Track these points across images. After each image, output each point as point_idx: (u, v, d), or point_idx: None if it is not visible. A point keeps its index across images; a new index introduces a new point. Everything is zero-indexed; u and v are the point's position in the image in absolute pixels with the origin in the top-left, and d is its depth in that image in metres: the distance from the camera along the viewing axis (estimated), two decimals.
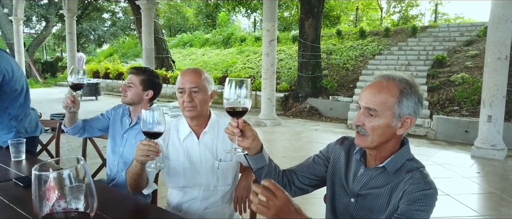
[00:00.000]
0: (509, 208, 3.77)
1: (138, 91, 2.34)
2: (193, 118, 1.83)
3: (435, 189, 1.23)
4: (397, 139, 1.32)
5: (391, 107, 1.26)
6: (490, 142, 5.62)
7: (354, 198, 1.38)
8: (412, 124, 1.29)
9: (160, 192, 2.38)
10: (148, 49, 10.73)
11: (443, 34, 11.89)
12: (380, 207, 1.30)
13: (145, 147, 1.51)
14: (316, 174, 1.51)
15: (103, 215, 1.48)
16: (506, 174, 4.89)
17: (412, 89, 1.27)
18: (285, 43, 14.51)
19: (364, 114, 1.29)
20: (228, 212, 1.93)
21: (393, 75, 1.30)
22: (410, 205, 1.19)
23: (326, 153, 1.53)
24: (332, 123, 8.86)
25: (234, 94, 1.21)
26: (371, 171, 1.35)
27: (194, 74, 1.82)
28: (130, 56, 19.11)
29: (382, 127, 1.27)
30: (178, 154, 1.86)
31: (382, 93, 1.26)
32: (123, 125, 2.41)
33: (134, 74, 2.37)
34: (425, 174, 1.26)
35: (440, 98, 8.53)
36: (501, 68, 5.50)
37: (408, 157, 1.34)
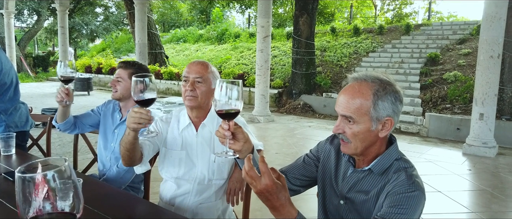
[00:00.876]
0: (500, 205, 3.81)
1: (127, 86, 2.30)
2: (193, 109, 1.84)
3: (420, 190, 1.20)
4: (382, 140, 1.30)
5: (367, 112, 1.22)
6: (482, 140, 5.67)
7: (343, 200, 1.36)
8: (394, 124, 1.26)
9: (153, 187, 2.36)
10: (141, 44, 10.65)
11: (437, 33, 11.96)
12: (368, 211, 1.29)
13: (136, 114, 1.49)
14: (307, 175, 1.50)
15: (94, 210, 1.46)
16: (497, 172, 4.94)
17: (386, 89, 1.23)
18: (280, 40, 14.49)
19: (343, 121, 1.27)
20: (221, 207, 1.92)
21: (365, 76, 1.25)
22: (391, 208, 1.17)
23: (316, 153, 1.52)
24: (326, 120, 8.88)
25: (225, 96, 1.18)
26: (358, 173, 1.33)
27: (201, 66, 1.84)
28: (123, 51, 18.96)
29: (362, 132, 1.24)
30: (175, 143, 1.87)
31: (356, 98, 1.22)
32: (114, 120, 2.38)
33: (123, 69, 2.33)
34: (411, 175, 1.23)
35: (432, 96, 8.59)
36: (494, 66, 5.54)
37: (396, 156, 1.30)
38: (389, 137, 1.34)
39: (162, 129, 1.89)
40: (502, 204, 3.85)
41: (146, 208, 1.59)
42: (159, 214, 1.53)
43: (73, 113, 2.46)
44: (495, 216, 3.56)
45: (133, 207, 1.58)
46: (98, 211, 1.45)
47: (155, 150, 1.87)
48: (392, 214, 1.16)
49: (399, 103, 1.26)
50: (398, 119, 1.28)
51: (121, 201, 1.63)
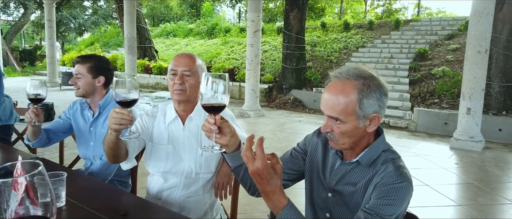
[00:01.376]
0: (486, 198, 3.87)
1: (88, 80, 2.21)
2: (181, 102, 1.81)
3: (408, 181, 1.20)
4: (370, 134, 1.29)
5: (353, 111, 1.21)
6: (469, 134, 5.75)
7: (331, 193, 1.36)
8: (381, 119, 1.25)
9: (141, 182, 2.34)
10: (130, 38, 10.53)
11: (425, 28, 12.06)
12: (356, 203, 1.28)
13: (117, 115, 1.46)
14: (295, 169, 1.49)
15: (79, 204, 1.44)
16: (483, 165, 5.02)
17: (370, 86, 1.21)
18: (270, 35, 14.47)
19: (330, 121, 1.25)
20: (209, 201, 1.90)
21: (347, 74, 1.22)
22: (379, 199, 1.17)
23: (303, 146, 1.51)
24: (316, 115, 8.91)
25: (211, 90, 1.16)
26: (346, 166, 1.33)
27: (189, 58, 1.81)
28: (112, 46, 18.75)
29: (350, 131, 1.23)
30: (162, 137, 1.84)
31: (340, 98, 1.21)
32: (87, 119, 2.31)
33: (80, 63, 2.22)
34: (399, 166, 1.23)
35: (421, 91, 8.67)
36: (481, 61, 5.60)
37: (384, 148, 1.30)
38: (376, 129, 1.33)
39: (148, 124, 1.86)
40: (488, 197, 3.92)
41: (132, 202, 1.57)
42: (145, 208, 1.51)
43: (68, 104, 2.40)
44: (481, 209, 3.61)
45: (119, 201, 1.56)
46: (82, 205, 1.42)
47: (140, 145, 1.84)
48: (380, 206, 1.16)
49: (384, 97, 1.25)
50: (384, 112, 1.28)
51: (107, 194, 1.61)
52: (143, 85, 12.88)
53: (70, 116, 2.38)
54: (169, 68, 1.81)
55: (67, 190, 1.44)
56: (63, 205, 1.42)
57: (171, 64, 1.82)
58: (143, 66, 13.16)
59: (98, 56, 2.32)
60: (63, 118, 2.40)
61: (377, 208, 1.17)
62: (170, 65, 1.81)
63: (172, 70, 1.79)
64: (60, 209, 1.39)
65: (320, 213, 1.42)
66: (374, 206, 1.17)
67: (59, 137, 2.41)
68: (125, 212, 1.43)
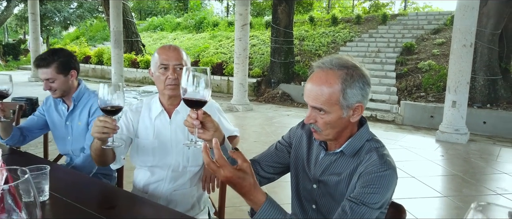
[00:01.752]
0: (470, 189, 3.94)
1: (61, 81, 2.13)
2: (172, 97, 1.78)
3: (392, 169, 1.20)
4: (353, 123, 1.29)
5: (336, 102, 1.20)
6: (454, 127, 5.84)
7: (316, 184, 1.35)
8: (364, 108, 1.26)
9: (127, 176, 2.31)
10: (116, 32, 10.37)
11: (412, 22, 12.17)
12: (341, 193, 1.28)
13: (101, 123, 1.43)
14: (280, 162, 1.48)
15: (63, 198, 1.41)
16: (468, 157, 5.10)
17: (353, 76, 1.21)
18: (258, 29, 14.43)
19: (314, 111, 1.25)
20: (196, 194, 1.89)
21: (330, 64, 1.22)
22: (364, 188, 1.17)
23: (288, 139, 1.50)
24: (304, 109, 8.94)
25: (192, 85, 1.13)
26: (331, 156, 1.32)
27: (178, 51, 1.77)
28: (98, 40, 18.47)
29: (333, 121, 1.23)
30: (147, 132, 1.81)
31: (324, 89, 1.20)
32: (61, 113, 2.25)
33: (45, 67, 2.10)
34: (383, 154, 1.24)
35: (408, 84, 8.77)
36: (466, 55, 5.68)
37: (367, 137, 1.30)
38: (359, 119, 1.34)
39: (132, 120, 1.83)
40: (473, 188, 3.99)
41: (118, 195, 1.55)
42: (132, 200, 1.49)
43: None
44: (466, 200, 3.68)
45: (104, 194, 1.54)
46: (67, 199, 1.40)
47: (127, 146, 1.82)
48: (365, 194, 1.17)
49: (367, 87, 1.24)
50: (367, 101, 1.27)
51: (91, 188, 1.58)
52: (130, 80, 12.73)
53: (44, 112, 2.32)
54: (158, 62, 1.74)
55: (51, 184, 1.41)
56: (47, 199, 1.39)
57: (158, 58, 1.75)
58: (130, 61, 13.00)
59: (57, 52, 2.18)
60: (37, 115, 2.33)
61: (362, 196, 1.17)
62: (158, 59, 1.75)
63: (163, 65, 1.73)
64: (43, 203, 1.36)
65: (306, 205, 1.42)
66: (359, 194, 1.18)
67: (35, 134, 2.33)
68: (111, 205, 1.41)
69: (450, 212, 3.45)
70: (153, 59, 1.80)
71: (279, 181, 1.51)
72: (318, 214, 1.37)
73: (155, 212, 1.38)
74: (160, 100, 1.83)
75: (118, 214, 1.34)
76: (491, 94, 7.44)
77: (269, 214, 1.09)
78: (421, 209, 3.41)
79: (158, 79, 1.76)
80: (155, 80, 1.79)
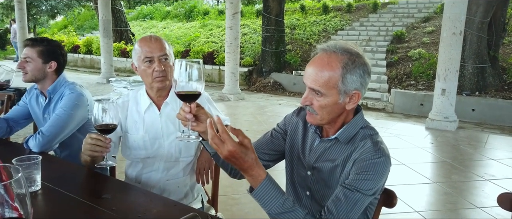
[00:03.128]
0: (459, 175, 4.01)
1: (37, 65, 2.07)
2: (160, 89, 1.75)
3: (386, 156, 1.22)
4: (349, 111, 1.30)
5: (335, 85, 1.20)
6: (443, 114, 5.91)
7: (310, 170, 1.36)
8: (361, 97, 1.26)
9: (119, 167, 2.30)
10: (105, 21, 10.22)
11: (402, 11, 12.20)
12: (335, 180, 1.30)
13: (93, 141, 1.40)
14: (275, 149, 1.48)
15: (56, 188, 1.40)
16: (457, 144, 5.18)
17: (355, 62, 1.21)
18: (249, 17, 14.33)
19: (311, 93, 1.25)
20: (189, 183, 1.89)
21: (334, 48, 1.22)
22: (358, 174, 1.19)
23: (283, 126, 1.51)
24: (296, 98, 8.96)
25: (185, 77, 1.11)
26: (325, 143, 1.33)
27: (160, 41, 1.73)
28: (87, 29, 18.18)
29: (329, 105, 1.24)
30: (137, 127, 1.79)
31: (325, 71, 1.20)
32: (40, 105, 2.22)
33: (30, 46, 2.08)
34: (377, 141, 1.25)
35: (398, 73, 8.82)
36: (456, 43, 5.72)
37: (362, 124, 1.31)
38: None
39: (120, 116, 1.80)
40: (462, 174, 4.06)
41: (111, 184, 1.54)
42: (125, 190, 1.49)
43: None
44: (455, 186, 3.75)
45: (97, 183, 1.53)
46: (59, 189, 1.39)
47: (117, 145, 1.81)
48: (359, 181, 1.19)
49: (367, 76, 1.25)
50: (365, 91, 1.28)
51: (84, 177, 1.57)
52: (119, 69, 12.59)
53: (27, 101, 2.28)
54: (142, 56, 1.70)
55: (43, 174, 1.40)
56: (39, 189, 1.38)
57: (141, 51, 1.70)
58: (120, 50, 12.84)
59: (50, 40, 2.18)
60: (21, 105, 2.29)
61: (355, 183, 1.19)
62: (141, 53, 1.70)
63: (147, 58, 1.69)
64: (35, 193, 1.35)
65: (300, 191, 1.43)
66: (353, 181, 1.19)
67: (21, 124, 2.29)
68: (105, 194, 1.40)
69: (439, 198, 3.52)
70: (135, 53, 1.75)
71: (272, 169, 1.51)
72: (311, 201, 1.39)
73: (149, 200, 1.38)
74: (148, 93, 1.80)
75: (112, 203, 1.33)
76: (479, 82, 7.53)
77: (269, 191, 1.11)
78: (411, 195, 3.47)
79: (144, 73, 1.72)
80: (140, 74, 1.74)
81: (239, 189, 3.30)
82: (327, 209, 1.19)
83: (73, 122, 2.00)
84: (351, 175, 1.22)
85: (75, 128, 2.04)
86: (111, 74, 10.43)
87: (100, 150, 1.43)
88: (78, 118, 2.04)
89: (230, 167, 1.40)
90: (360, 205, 1.20)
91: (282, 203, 1.12)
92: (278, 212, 1.12)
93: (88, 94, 2.15)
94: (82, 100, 2.05)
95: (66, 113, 1.97)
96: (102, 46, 10.42)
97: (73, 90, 2.06)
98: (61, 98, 2.07)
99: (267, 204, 1.12)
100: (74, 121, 2.00)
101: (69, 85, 2.12)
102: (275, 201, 1.11)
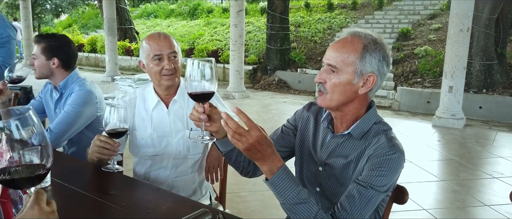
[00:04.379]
0: (467, 173, 3.98)
1: (42, 62, 2.08)
2: (169, 86, 1.73)
3: (400, 151, 1.21)
4: (361, 100, 1.27)
5: (353, 63, 1.21)
6: (451, 112, 5.86)
7: (322, 166, 1.35)
8: (375, 83, 1.23)
9: (127, 164, 2.29)
10: (109, 19, 10.23)
11: (408, 8, 12.11)
12: (347, 176, 1.28)
13: (101, 143, 1.40)
14: (286, 145, 1.46)
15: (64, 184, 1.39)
16: (464, 142, 5.14)
17: (377, 45, 1.22)
18: (254, 15, 14.30)
19: (326, 71, 1.24)
20: (198, 180, 1.88)
21: (359, 32, 1.25)
22: (372, 170, 1.17)
23: (293, 122, 1.49)
24: (301, 96, 8.93)
25: (198, 77, 1.09)
26: (338, 138, 1.31)
27: (169, 39, 1.72)
28: (91, 27, 18.22)
29: (343, 84, 1.22)
30: (145, 125, 1.78)
31: (345, 48, 1.22)
32: (53, 99, 2.22)
33: (36, 43, 2.11)
34: (391, 137, 1.23)
35: (404, 70, 8.76)
36: (463, 40, 5.67)
37: (375, 120, 1.30)
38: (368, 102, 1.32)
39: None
40: (469, 172, 4.02)
41: (120, 180, 1.53)
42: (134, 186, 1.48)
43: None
44: (463, 183, 3.71)
45: (106, 180, 1.52)
46: (68, 185, 1.38)
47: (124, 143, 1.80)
48: (373, 177, 1.17)
49: (386, 65, 1.25)
50: (381, 82, 1.26)
51: (92, 174, 1.56)
52: (124, 68, 12.61)
53: (42, 96, 2.29)
54: (151, 53, 1.68)
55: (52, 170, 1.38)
56: (48, 185, 1.37)
57: (149, 48, 1.68)
58: (124, 48, 12.86)
59: (54, 36, 2.16)
60: (37, 99, 2.31)
61: (369, 179, 1.17)
62: (150, 50, 1.68)
63: (156, 55, 1.67)
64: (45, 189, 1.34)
65: (310, 187, 1.41)
66: (367, 177, 1.18)
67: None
68: (114, 190, 1.39)
69: (447, 196, 3.49)
70: (143, 50, 1.73)
71: None
72: (322, 197, 1.37)
73: (158, 196, 1.37)
74: (156, 90, 1.78)
75: (121, 199, 1.32)
76: (487, 79, 7.46)
77: (284, 179, 1.11)
78: (419, 193, 3.44)
79: (152, 70, 1.69)
80: (149, 72, 1.72)
81: (245, 187, 3.29)
82: (340, 206, 1.17)
83: (81, 119, 2.00)
84: (364, 171, 1.20)
85: (83, 125, 2.03)
86: (116, 73, 10.45)
87: (108, 153, 1.42)
88: (87, 115, 2.03)
89: (241, 166, 1.38)
90: (374, 202, 1.18)
91: (297, 193, 1.11)
92: (292, 202, 1.12)
93: (98, 91, 2.14)
94: (91, 97, 2.04)
95: (74, 109, 1.97)
96: (107, 45, 10.44)
97: (82, 87, 2.06)
98: (71, 95, 2.07)
99: (282, 193, 1.11)
100: (82, 118, 2.00)
101: (79, 82, 2.12)
102: (290, 190, 1.11)
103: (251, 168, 1.39)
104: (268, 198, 3.14)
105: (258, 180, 2.52)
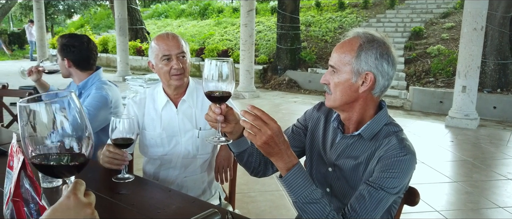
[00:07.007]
0: (481, 174, 3.90)
1: (60, 62, 2.16)
2: (178, 86, 1.74)
3: (412, 153, 1.19)
4: (366, 100, 1.25)
5: (349, 62, 1.21)
6: (464, 112, 5.76)
7: (331, 167, 1.33)
8: (375, 82, 1.21)
9: (136, 164, 2.30)
10: (121, 19, 10.33)
11: (421, 6, 11.96)
12: (357, 177, 1.26)
13: (110, 154, 1.42)
14: (297, 145, 1.45)
15: None
16: (478, 142, 5.05)
17: (373, 43, 1.20)
18: (264, 15, 14.28)
19: (329, 72, 1.26)
20: (207, 180, 1.88)
21: (359, 31, 1.25)
22: (383, 172, 1.16)
23: (303, 121, 1.48)
24: (311, 95, 8.89)
25: (216, 77, 1.06)
26: (348, 139, 1.30)
27: (178, 39, 1.72)
28: (103, 28, 18.42)
29: (342, 83, 1.23)
30: (154, 124, 1.79)
31: (343, 48, 1.23)
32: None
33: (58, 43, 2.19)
34: (402, 138, 1.22)
35: (416, 70, 8.66)
36: (477, 39, 5.57)
37: (386, 121, 1.28)
38: (378, 103, 1.30)
39: (137, 114, 1.80)
40: (483, 173, 3.95)
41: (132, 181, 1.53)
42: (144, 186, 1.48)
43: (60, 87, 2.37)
44: (476, 185, 3.65)
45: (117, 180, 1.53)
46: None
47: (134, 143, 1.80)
48: (384, 178, 1.15)
49: (386, 63, 1.21)
50: (385, 81, 1.23)
51: (102, 173, 1.57)
52: (135, 68, 12.72)
53: None
54: (159, 54, 1.68)
55: None
56: (59, 184, 1.38)
57: (158, 49, 1.69)
58: (135, 48, 12.97)
59: (69, 36, 2.18)
60: None
61: (380, 181, 1.15)
62: (159, 50, 1.69)
63: (165, 56, 1.68)
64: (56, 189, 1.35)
65: (320, 188, 1.40)
66: (377, 179, 1.16)
67: None
68: (123, 190, 1.40)
69: (460, 197, 3.43)
70: (151, 51, 1.74)
71: None
72: (332, 198, 1.36)
73: (168, 196, 1.37)
74: (165, 90, 1.79)
75: (131, 199, 1.33)
76: (501, 79, 7.32)
77: (299, 177, 1.10)
78: (431, 194, 3.39)
79: (161, 70, 1.71)
80: (158, 72, 1.73)
81: (254, 187, 3.28)
82: (350, 207, 1.15)
83: (95, 123, 2.01)
84: (375, 172, 1.18)
85: (97, 128, 2.04)
86: (127, 73, 10.54)
87: (117, 163, 1.44)
88: (100, 119, 2.04)
89: (252, 166, 1.37)
90: (384, 204, 1.17)
91: (310, 192, 1.10)
92: (305, 201, 1.11)
93: (116, 94, 2.13)
94: (105, 102, 2.04)
95: (89, 112, 1.98)
96: (118, 45, 10.54)
97: (98, 90, 2.07)
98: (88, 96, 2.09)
99: (295, 191, 1.10)
100: (96, 122, 2.01)
101: (97, 84, 2.13)
102: (303, 189, 1.10)
103: (262, 168, 1.38)
104: (278, 198, 3.13)
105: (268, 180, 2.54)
